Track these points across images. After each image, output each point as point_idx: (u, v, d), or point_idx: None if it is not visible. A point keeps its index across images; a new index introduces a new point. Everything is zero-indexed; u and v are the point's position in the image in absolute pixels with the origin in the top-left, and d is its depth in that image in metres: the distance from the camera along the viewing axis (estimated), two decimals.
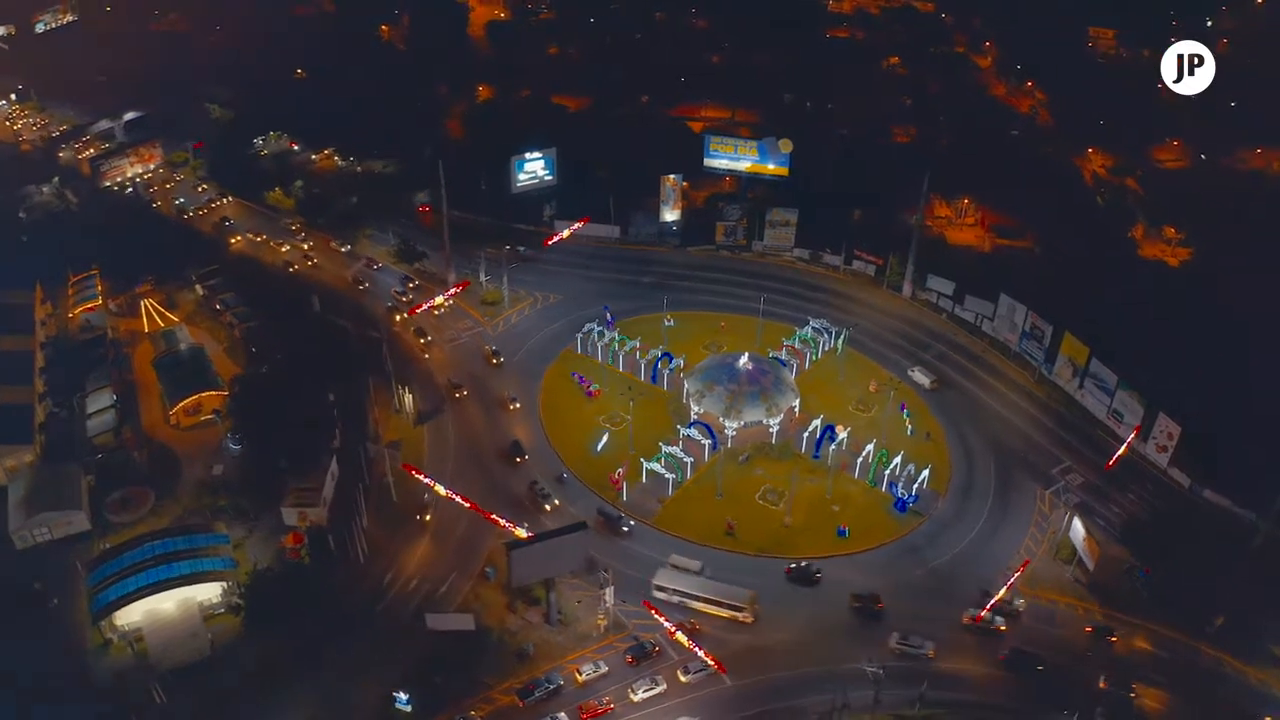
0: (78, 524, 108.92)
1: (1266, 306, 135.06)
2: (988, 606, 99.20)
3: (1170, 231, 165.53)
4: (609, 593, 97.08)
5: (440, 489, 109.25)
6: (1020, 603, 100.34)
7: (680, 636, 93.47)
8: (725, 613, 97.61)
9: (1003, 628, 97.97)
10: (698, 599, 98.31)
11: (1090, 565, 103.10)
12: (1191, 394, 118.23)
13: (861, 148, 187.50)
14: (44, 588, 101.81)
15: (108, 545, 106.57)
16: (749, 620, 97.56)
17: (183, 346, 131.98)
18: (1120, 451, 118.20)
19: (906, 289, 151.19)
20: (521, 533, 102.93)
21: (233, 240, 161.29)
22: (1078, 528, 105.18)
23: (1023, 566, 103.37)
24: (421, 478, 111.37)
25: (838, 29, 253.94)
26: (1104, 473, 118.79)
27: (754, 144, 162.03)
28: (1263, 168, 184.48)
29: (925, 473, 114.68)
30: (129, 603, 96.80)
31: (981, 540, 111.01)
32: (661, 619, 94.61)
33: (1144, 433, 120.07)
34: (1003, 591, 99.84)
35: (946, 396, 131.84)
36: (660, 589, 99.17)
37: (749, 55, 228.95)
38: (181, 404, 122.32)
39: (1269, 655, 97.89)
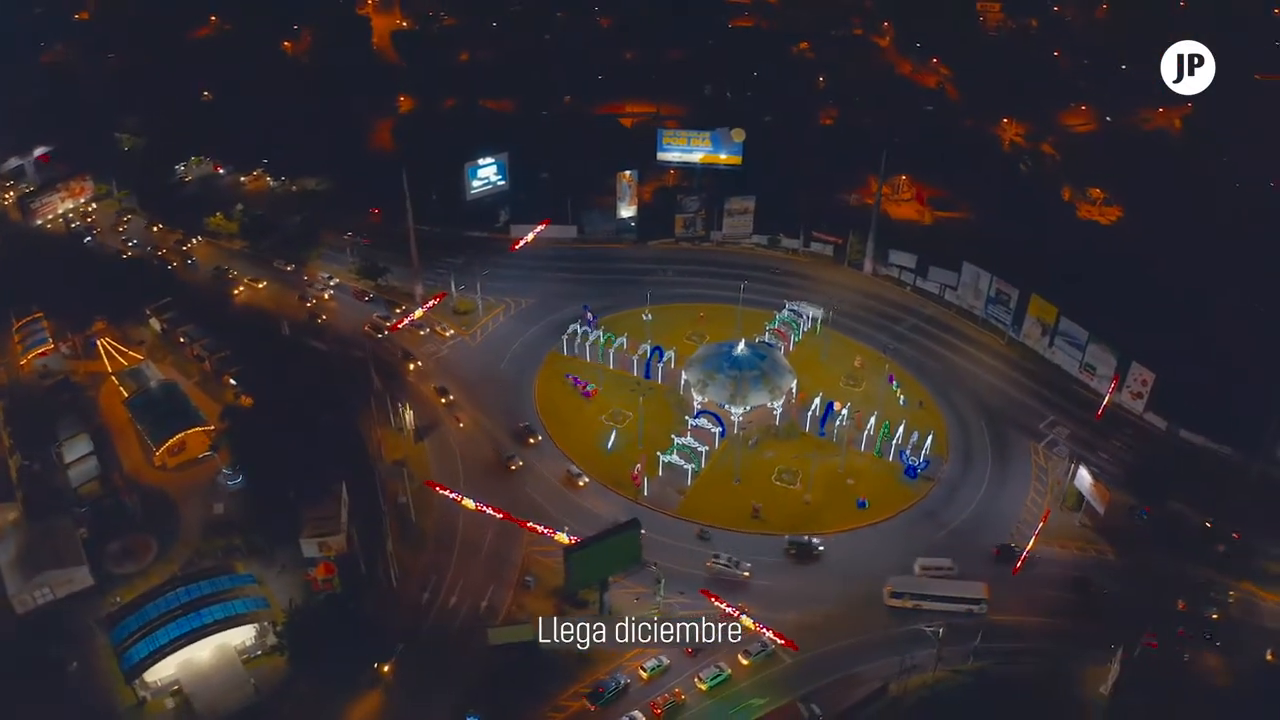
0: (80, 580, 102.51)
1: (1199, 255, 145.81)
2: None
3: (1096, 193, 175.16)
4: (661, 586, 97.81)
5: (469, 503, 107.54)
6: (1232, 594, 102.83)
7: (746, 620, 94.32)
8: (961, 608, 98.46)
9: (1216, 615, 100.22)
10: (935, 599, 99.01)
11: (1100, 510, 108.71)
12: (1159, 341, 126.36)
13: (790, 133, 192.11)
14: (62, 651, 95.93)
15: (119, 599, 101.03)
16: (984, 611, 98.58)
17: (153, 384, 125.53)
18: (1105, 402, 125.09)
19: (868, 266, 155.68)
20: (563, 537, 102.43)
21: (236, 291, 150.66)
22: (1084, 476, 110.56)
23: (1044, 517, 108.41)
24: (447, 493, 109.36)
25: (739, 19, 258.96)
26: (1088, 423, 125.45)
27: (706, 135, 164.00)
28: (1165, 126, 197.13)
29: (929, 439, 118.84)
30: (164, 656, 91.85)
31: (991, 497, 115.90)
32: (723, 605, 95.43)
33: (1120, 382, 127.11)
34: (1031, 543, 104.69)
35: (928, 365, 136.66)
36: (897, 595, 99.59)
37: (662, 50, 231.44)
38: (167, 444, 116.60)
39: (1270, 576, 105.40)
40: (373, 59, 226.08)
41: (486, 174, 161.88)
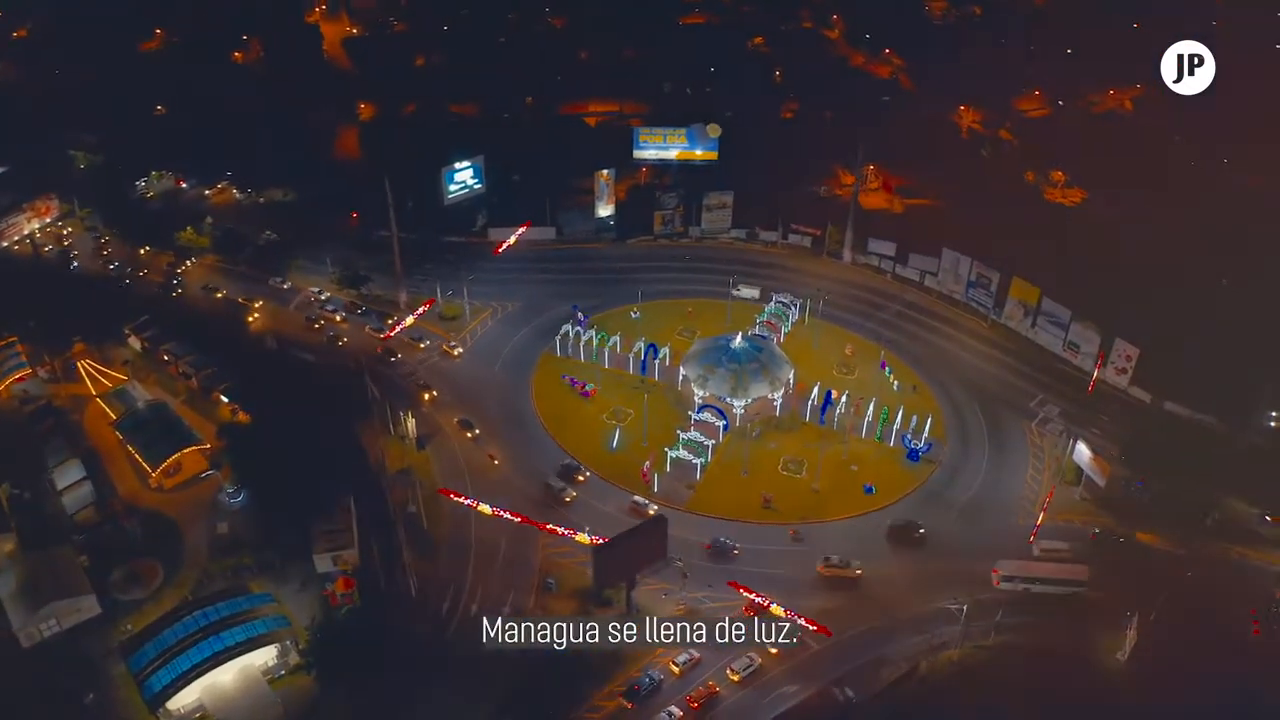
0: (87, 609, 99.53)
1: (1165, 231, 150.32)
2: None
3: (1057, 175, 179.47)
4: (685, 581, 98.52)
5: (486, 508, 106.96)
6: None
7: (777, 608, 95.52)
8: (1065, 590, 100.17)
9: None
10: (1043, 581, 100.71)
11: (1102, 483, 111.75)
12: (1139, 318, 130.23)
13: (754, 127, 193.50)
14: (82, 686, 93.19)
15: (130, 626, 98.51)
16: (1084, 592, 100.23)
17: (141, 405, 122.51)
18: (1094, 377, 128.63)
19: (847, 255, 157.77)
20: (584, 538, 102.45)
21: (250, 319, 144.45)
22: (1082, 450, 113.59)
23: (1049, 494, 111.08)
24: (462, 500, 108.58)
25: (690, 16, 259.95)
26: (1077, 400, 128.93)
27: (682, 131, 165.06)
28: (1116, 108, 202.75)
29: (929, 422, 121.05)
30: (188, 682, 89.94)
31: (992, 476, 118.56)
32: (753, 596, 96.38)
33: (1105, 358, 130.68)
34: (1040, 518, 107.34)
35: (915, 350, 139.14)
36: (1007, 579, 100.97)
37: (617, 49, 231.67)
38: (164, 465, 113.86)
39: (1260, 537, 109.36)
40: (326, 66, 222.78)
41: (463, 178, 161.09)
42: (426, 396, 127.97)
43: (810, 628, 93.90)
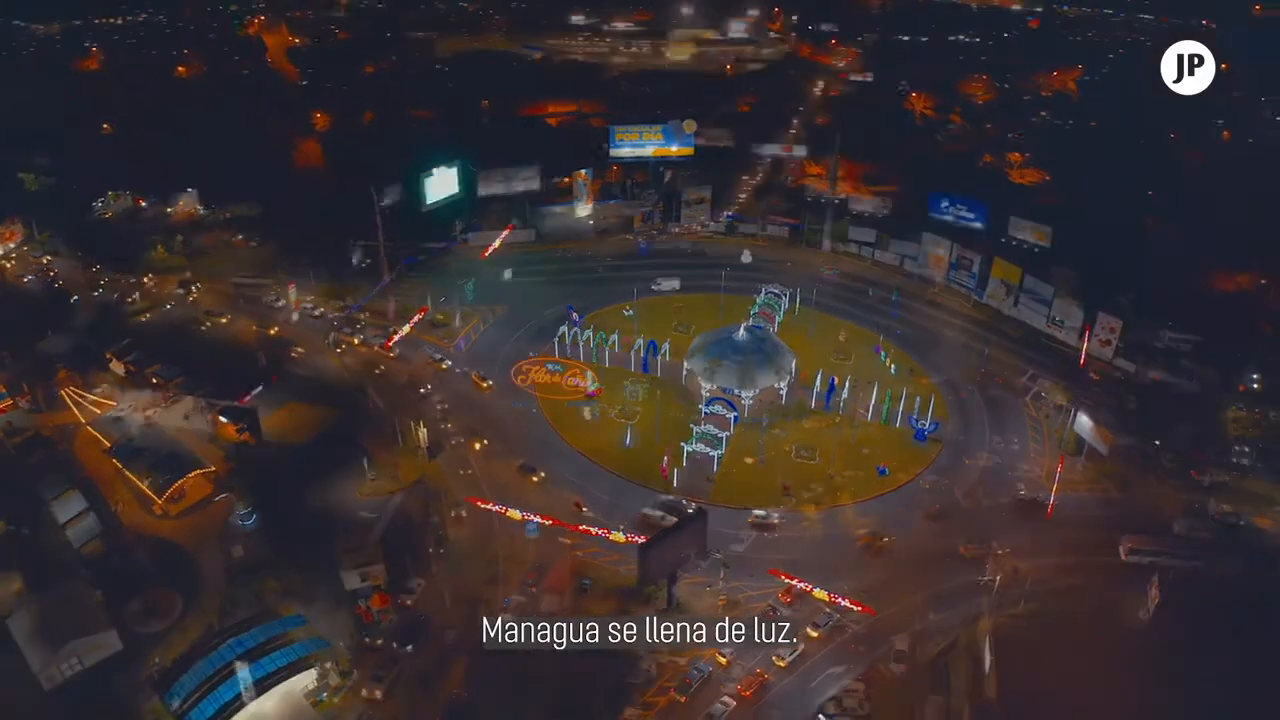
0: (109, 645, 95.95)
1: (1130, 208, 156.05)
2: None
3: (1015, 156, 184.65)
4: (723, 573, 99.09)
5: (515, 513, 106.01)
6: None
7: (819, 593, 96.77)
8: (1189, 564, 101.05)
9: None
10: (1169, 555, 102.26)
11: (1105, 451, 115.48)
12: (1122, 293, 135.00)
13: (713, 121, 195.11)
14: None
15: (157, 660, 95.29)
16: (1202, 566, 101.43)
17: (135, 430, 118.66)
18: (1084, 350, 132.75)
19: (826, 244, 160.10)
20: (619, 536, 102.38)
21: (294, 354, 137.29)
22: (1084, 421, 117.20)
23: (1060, 464, 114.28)
24: (489, 507, 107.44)
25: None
26: (1065, 373, 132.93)
27: (658, 128, 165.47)
28: (1061, 89, 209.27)
29: (931, 402, 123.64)
30: (233, 713, 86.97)
31: (996, 451, 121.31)
32: (796, 583, 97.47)
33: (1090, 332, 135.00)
34: (1055, 487, 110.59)
35: (906, 334, 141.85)
36: (1134, 551, 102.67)
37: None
38: (170, 491, 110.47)
39: (1259, 497, 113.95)
40: (272, 77, 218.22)
41: (443, 183, 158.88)
42: (477, 445, 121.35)
43: (854, 609, 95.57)
